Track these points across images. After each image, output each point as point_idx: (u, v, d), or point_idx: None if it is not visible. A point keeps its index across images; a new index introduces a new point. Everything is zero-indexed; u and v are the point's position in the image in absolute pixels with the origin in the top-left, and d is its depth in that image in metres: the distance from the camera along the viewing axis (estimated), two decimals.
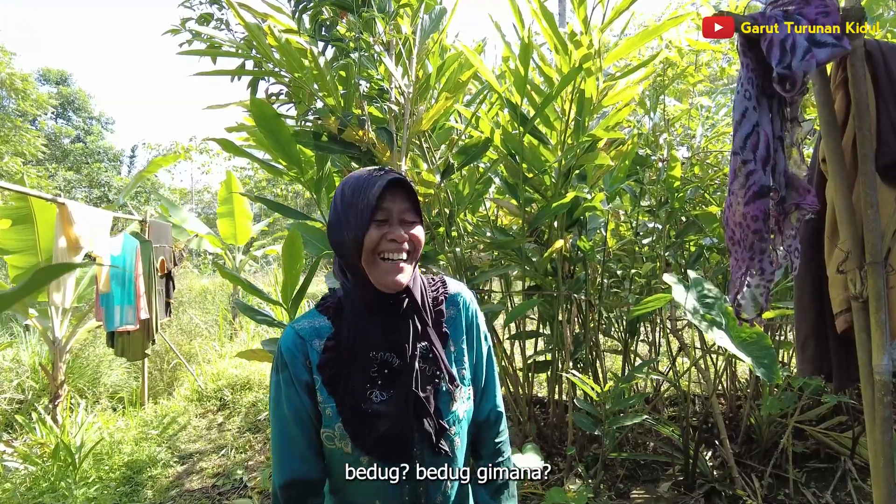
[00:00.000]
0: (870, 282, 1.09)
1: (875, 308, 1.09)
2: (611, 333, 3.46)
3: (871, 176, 1.11)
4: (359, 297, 0.99)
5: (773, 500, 2.74)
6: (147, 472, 3.45)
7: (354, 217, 0.95)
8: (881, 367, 1.08)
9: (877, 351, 1.09)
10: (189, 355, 5.64)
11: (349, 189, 0.98)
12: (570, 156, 2.51)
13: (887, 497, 1.09)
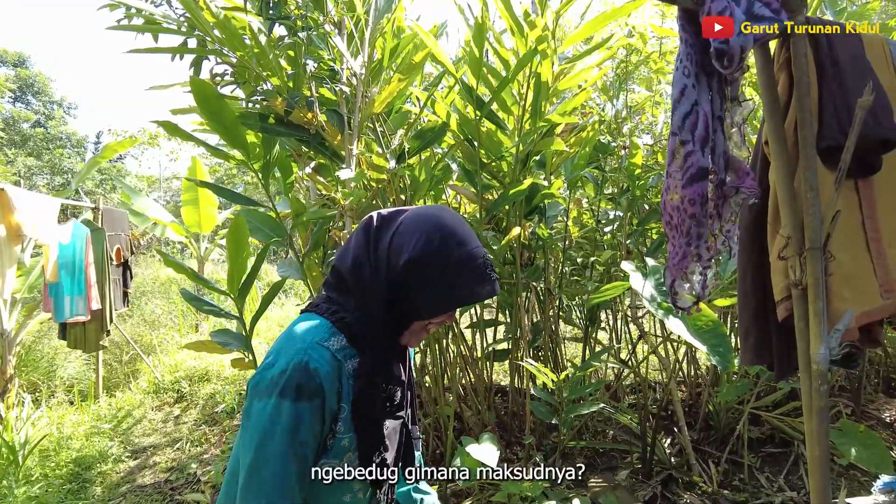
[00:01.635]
0: (809, 268, 1.06)
1: (814, 296, 1.06)
2: (572, 321, 3.44)
3: (812, 159, 1.08)
4: (385, 332, 0.96)
5: (729, 485, 2.76)
6: (97, 468, 3.34)
7: (447, 294, 0.93)
8: (818, 357, 1.05)
9: (815, 340, 1.07)
10: (149, 347, 5.48)
11: (455, 264, 0.92)
12: (527, 141, 2.46)
13: (823, 487, 1.07)
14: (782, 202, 1.11)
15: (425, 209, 0.98)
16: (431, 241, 0.92)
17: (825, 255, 1.05)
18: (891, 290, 1.13)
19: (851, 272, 1.12)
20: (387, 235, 0.96)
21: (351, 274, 0.96)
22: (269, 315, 6.48)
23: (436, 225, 0.93)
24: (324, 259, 2.55)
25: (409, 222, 0.95)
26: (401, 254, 0.92)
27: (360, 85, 2.28)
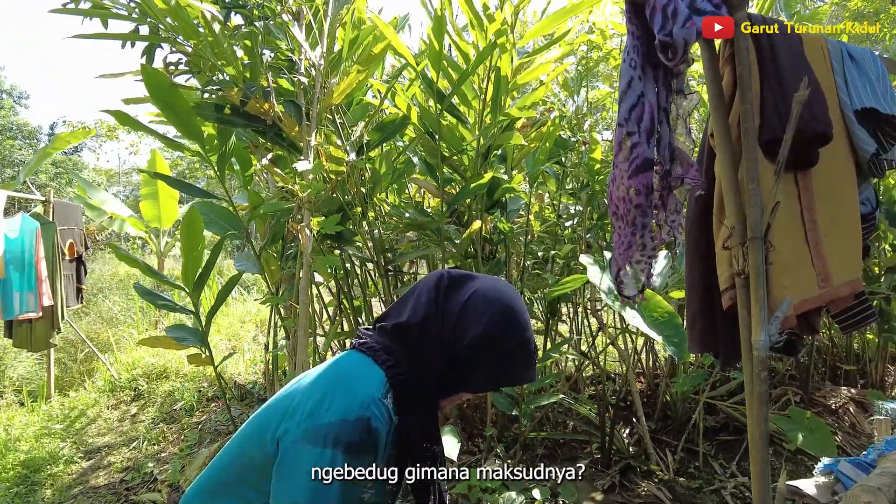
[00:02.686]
0: (750, 258, 1.10)
1: (755, 284, 1.10)
2: (533, 314, 3.47)
3: (754, 151, 1.11)
4: (434, 397, 0.99)
5: (684, 472, 2.83)
6: (46, 470, 3.22)
7: (502, 374, 0.97)
8: (759, 344, 1.09)
9: (756, 327, 1.10)
10: (106, 345, 5.32)
11: (517, 349, 0.97)
12: (488, 135, 2.47)
13: (761, 471, 1.11)
14: (726, 193, 1.14)
15: (495, 283, 1.02)
16: (502, 322, 0.95)
17: (766, 244, 1.08)
18: (827, 280, 1.18)
19: (790, 261, 1.16)
20: (457, 300, 0.99)
21: (419, 329, 0.97)
22: (230, 311, 6.35)
23: (506, 305, 0.97)
24: (282, 252, 2.51)
25: (480, 295, 0.98)
26: (470, 326, 0.95)
27: (318, 76, 2.25)
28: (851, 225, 1.24)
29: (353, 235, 2.53)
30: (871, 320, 1.28)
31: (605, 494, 2.58)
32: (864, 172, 1.29)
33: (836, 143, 1.20)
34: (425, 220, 2.62)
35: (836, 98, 1.24)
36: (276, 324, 2.75)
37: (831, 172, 1.23)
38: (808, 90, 0.98)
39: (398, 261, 2.71)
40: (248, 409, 3.67)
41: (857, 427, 3.39)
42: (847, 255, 1.21)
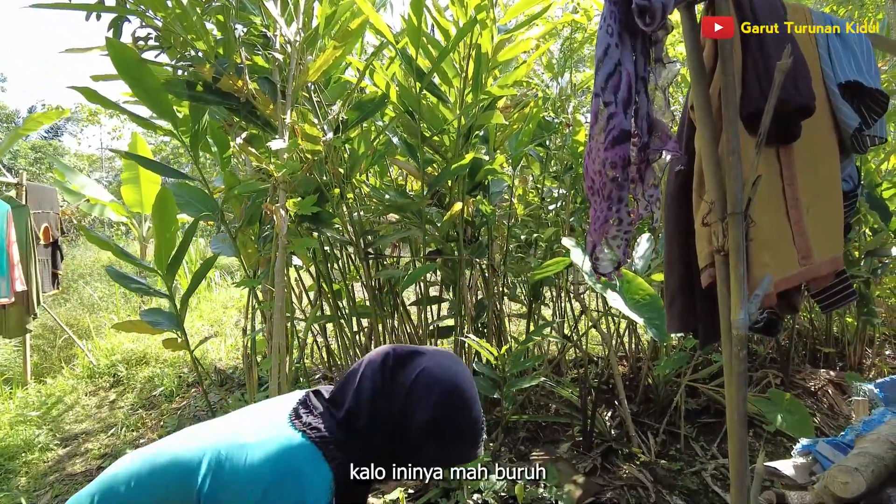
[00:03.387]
0: (730, 234, 1.07)
1: (735, 261, 1.07)
2: (516, 298, 3.45)
3: (735, 122, 1.08)
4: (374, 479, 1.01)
5: (666, 455, 2.84)
6: (21, 457, 3.16)
7: (450, 454, 0.99)
8: (738, 322, 1.06)
9: (735, 305, 1.07)
10: (87, 331, 5.23)
11: (466, 431, 0.98)
12: (469, 114, 2.42)
13: (740, 451, 1.09)
14: (706, 168, 1.10)
15: (441, 360, 1.02)
16: (448, 406, 0.96)
17: (746, 220, 1.05)
18: (808, 257, 1.15)
19: (771, 238, 1.14)
20: (403, 382, 0.99)
21: (367, 416, 0.98)
22: (213, 297, 6.28)
23: (453, 386, 0.98)
24: (259, 235, 2.45)
25: (427, 376, 0.99)
26: (416, 412, 0.96)
27: (294, 52, 2.18)
28: (833, 202, 1.22)
29: (331, 217, 2.48)
30: (851, 299, 1.27)
31: (586, 477, 2.58)
32: (846, 148, 1.26)
33: (819, 117, 1.17)
34: (405, 202, 2.57)
35: (819, 70, 1.21)
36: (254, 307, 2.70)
37: (814, 147, 1.20)
38: (791, 59, 0.95)
39: (378, 244, 2.66)
40: (227, 395, 3.62)
41: (835, 409, 3.42)
42: (828, 233, 1.19)
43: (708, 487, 2.58)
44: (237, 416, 1.13)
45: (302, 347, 2.96)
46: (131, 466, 1.04)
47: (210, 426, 1.10)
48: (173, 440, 1.08)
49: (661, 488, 2.57)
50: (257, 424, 1.02)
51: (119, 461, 1.10)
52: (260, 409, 1.11)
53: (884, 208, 3.23)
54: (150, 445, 1.11)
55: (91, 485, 1.07)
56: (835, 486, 1.29)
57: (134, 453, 1.10)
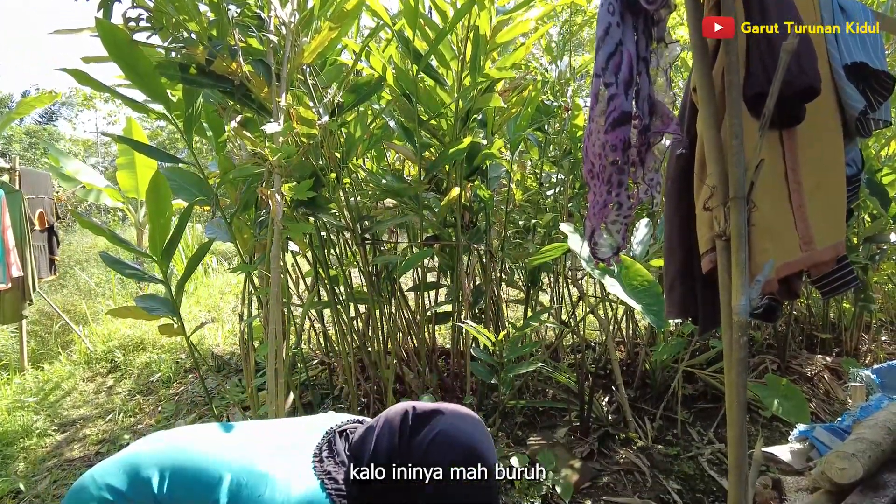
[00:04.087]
0: (732, 218, 1.05)
1: (736, 247, 1.05)
2: (514, 284, 3.44)
3: (738, 104, 1.05)
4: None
5: (663, 440, 2.85)
6: (19, 443, 3.16)
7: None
8: (739, 308, 1.05)
9: (736, 291, 1.06)
10: (83, 316, 5.21)
11: (479, 492, 0.98)
12: (466, 97, 2.39)
13: (738, 437, 1.08)
14: (708, 151, 1.08)
15: (461, 423, 1.02)
16: (465, 469, 0.97)
17: (748, 204, 1.03)
18: (809, 243, 1.14)
19: (773, 224, 1.12)
20: (421, 441, 0.99)
21: (385, 475, 0.99)
22: (210, 282, 6.26)
23: (470, 450, 0.98)
24: (255, 220, 2.43)
25: (444, 438, 0.98)
26: (432, 473, 0.97)
27: (289, 34, 2.14)
28: (836, 187, 1.20)
29: (327, 202, 2.46)
30: (852, 285, 1.25)
31: (583, 461, 2.59)
32: (850, 132, 1.24)
33: (823, 99, 1.14)
34: (402, 186, 2.55)
35: (825, 51, 1.18)
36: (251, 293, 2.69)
37: (818, 131, 1.18)
38: (796, 39, 0.92)
39: (375, 229, 2.64)
40: (224, 381, 3.62)
41: (831, 394, 3.43)
42: (831, 218, 1.17)
43: (704, 472, 2.60)
44: (263, 435, 1.16)
45: (299, 333, 2.95)
46: (159, 455, 1.08)
47: (238, 438, 1.14)
48: (200, 441, 1.12)
49: (658, 473, 2.58)
50: (282, 456, 1.05)
51: (147, 442, 1.14)
52: (286, 435, 1.14)
53: (883, 194, 3.21)
54: (178, 435, 1.15)
55: (118, 460, 1.10)
56: (832, 472, 1.28)
57: (161, 439, 1.14)
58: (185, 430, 1.21)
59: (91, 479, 1.10)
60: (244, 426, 1.25)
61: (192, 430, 1.19)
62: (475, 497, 0.99)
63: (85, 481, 1.12)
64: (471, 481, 0.98)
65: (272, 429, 1.21)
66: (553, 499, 2.37)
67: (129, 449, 1.17)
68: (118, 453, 1.18)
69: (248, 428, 1.22)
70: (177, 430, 1.23)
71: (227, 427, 1.22)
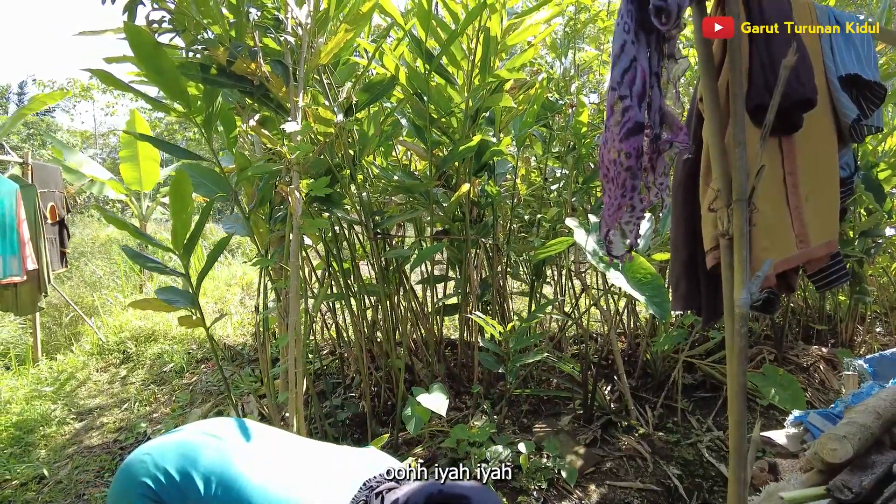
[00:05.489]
0: (735, 219, 1.14)
1: (739, 245, 1.14)
2: (519, 277, 3.53)
3: (741, 115, 1.14)
4: None
5: (663, 427, 2.95)
6: (39, 431, 3.26)
7: None
8: (741, 301, 1.14)
9: (738, 286, 1.15)
10: (91, 308, 5.30)
11: None
12: (476, 97, 2.46)
13: (739, 422, 1.18)
14: (714, 157, 1.17)
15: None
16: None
17: (750, 207, 1.12)
18: (805, 241, 1.23)
19: (772, 223, 1.21)
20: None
21: None
22: (216, 275, 6.34)
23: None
24: (270, 215, 2.51)
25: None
26: None
27: (305, 35, 2.21)
28: (830, 189, 1.29)
29: (341, 198, 2.54)
30: (844, 280, 1.35)
31: (587, 448, 2.69)
32: (844, 137, 1.33)
33: (819, 108, 1.23)
34: (414, 182, 2.63)
35: (821, 63, 1.27)
36: (266, 286, 2.77)
37: (814, 137, 1.26)
38: (795, 56, 1.01)
39: (386, 224, 2.73)
40: (238, 370, 3.72)
41: (826, 384, 3.54)
42: (825, 218, 1.26)
43: (703, 458, 2.70)
44: (308, 467, 1.24)
45: (311, 324, 3.04)
46: (214, 462, 1.18)
47: (287, 467, 1.22)
48: (253, 461, 1.20)
49: (659, 459, 2.68)
50: (326, 499, 1.14)
51: (206, 436, 1.24)
52: (328, 476, 1.22)
53: (879, 190, 3.29)
54: (236, 444, 1.24)
55: (175, 446, 1.20)
56: (824, 452, 1.38)
57: (220, 437, 1.24)
58: (237, 438, 1.27)
59: (150, 457, 1.19)
60: (292, 446, 1.32)
61: (243, 442, 1.26)
62: None
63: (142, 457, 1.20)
64: None
65: (318, 459, 1.28)
66: (558, 483, 2.47)
67: (186, 436, 1.25)
68: (174, 436, 1.25)
69: (295, 451, 1.29)
70: (231, 431, 1.29)
71: (278, 444, 1.30)
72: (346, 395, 3.12)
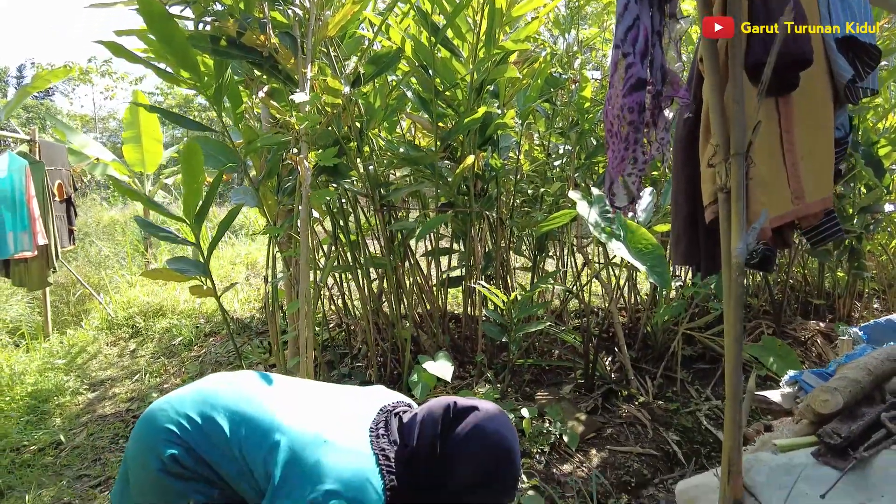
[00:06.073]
0: (732, 172, 1.19)
1: (736, 197, 1.19)
2: (521, 251, 3.59)
3: (739, 74, 1.18)
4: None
5: (663, 396, 3.02)
6: (54, 401, 3.35)
7: (488, 499, 1.20)
8: (737, 251, 1.19)
9: (735, 237, 1.20)
10: (97, 286, 5.37)
11: (505, 487, 1.20)
12: (481, 69, 2.50)
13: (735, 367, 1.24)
14: (713, 114, 1.22)
15: (491, 423, 1.21)
16: (493, 460, 1.18)
17: (747, 161, 1.17)
18: (800, 197, 1.28)
19: (768, 179, 1.26)
20: (458, 433, 1.19)
21: (424, 461, 1.18)
22: (221, 254, 6.41)
23: (499, 444, 1.18)
24: (279, 187, 2.56)
25: (478, 433, 1.18)
26: (465, 461, 1.18)
27: (313, 7, 2.25)
28: (826, 148, 1.34)
29: (348, 170, 2.59)
30: (838, 235, 1.40)
31: (588, 415, 2.76)
32: (840, 99, 1.37)
33: (816, 69, 1.28)
34: (419, 155, 2.67)
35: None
36: (274, 257, 2.83)
37: (810, 98, 1.31)
38: (792, 14, 1.05)
39: (392, 196, 2.78)
40: (247, 341, 3.80)
41: (823, 357, 3.60)
42: (820, 176, 1.31)
43: (701, 425, 2.78)
44: (324, 399, 1.32)
45: (319, 296, 3.11)
46: (230, 401, 1.24)
47: (302, 398, 1.30)
48: (268, 395, 1.27)
49: (658, 426, 2.76)
50: (344, 425, 1.22)
51: (215, 383, 1.31)
52: (346, 404, 1.31)
53: (878, 165, 3.33)
54: (247, 383, 1.31)
55: (192, 395, 1.26)
56: (816, 404, 1.44)
57: (230, 383, 1.31)
58: (251, 379, 1.34)
59: (169, 405, 1.25)
60: (305, 385, 1.40)
61: (258, 381, 1.33)
62: (499, 489, 1.19)
63: (162, 406, 1.26)
64: (497, 476, 1.18)
65: (332, 394, 1.37)
66: (560, 447, 2.55)
67: (197, 386, 1.31)
68: (189, 387, 1.31)
69: (309, 388, 1.37)
70: (243, 375, 1.37)
71: (291, 384, 1.37)
72: (354, 365, 3.19)
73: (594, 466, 2.46)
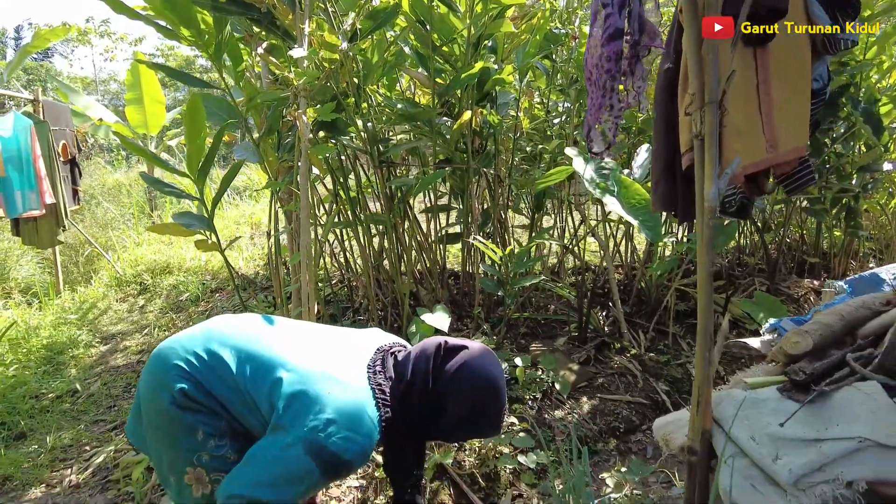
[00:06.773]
0: (707, 120, 1.24)
1: (709, 144, 1.25)
2: (520, 209, 3.64)
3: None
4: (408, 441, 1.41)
5: (654, 349, 3.11)
6: (68, 353, 3.48)
7: (472, 435, 1.45)
8: (710, 196, 1.26)
9: (708, 182, 1.26)
10: (105, 246, 5.48)
11: (490, 421, 1.35)
12: (478, 24, 2.51)
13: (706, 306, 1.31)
14: (690, 64, 1.26)
15: (480, 360, 1.33)
16: (481, 395, 1.30)
17: (721, 108, 1.22)
18: (774, 146, 1.33)
19: (743, 129, 1.31)
20: (449, 369, 1.31)
21: (418, 397, 1.30)
22: (224, 214, 6.49)
23: (487, 380, 1.31)
24: (279, 143, 2.61)
25: (468, 369, 1.31)
26: (456, 396, 1.30)
27: None
28: (802, 98, 1.38)
29: (347, 126, 2.63)
30: (811, 182, 1.45)
31: (580, 365, 2.86)
32: (818, 49, 1.41)
33: (794, 19, 1.31)
34: (417, 111, 2.71)
35: None
36: (277, 213, 2.90)
37: (788, 48, 1.35)
38: None
39: (390, 152, 2.82)
40: (252, 296, 3.91)
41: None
42: (795, 125, 1.36)
43: (691, 376, 2.87)
44: (325, 337, 1.43)
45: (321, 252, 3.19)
46: (235, 340, 1.33)
47: (304, 336, 1.41)
48: (270, 333, 1.37)
49: (649, 376, 2.86)
50: (343, 361, 1.33)
51: (219, 323, 1.40)
52: (346, 343, 1.42)
53: (877, 123, 3.32)
54: (251, 324, 1.40)
55: (199, 335, 1.35)
56: (787, 345, 1.53)
57: (233, 325, 1.39)
58: (256, 320, 1.44)
59: (179, 343, 1.34)
60: (307, 326, 1.50)
61: (262, 322, 1.43)
62: (486, 422, 1.34)
63: (171, 344, 1.35)
64: (485, 410, 1.31)
65: (332, 334, 1.47)
66: (552, 395, 2.66)
67: (205, 326, 1.40)
68: (197, 326, 1.40)
69: (310, 329, 1.47)
70: (248, 317, 1.46)
71: (294, 325, 1.47)
72: (355, 318, 3.30)
73: (584, 413, 2.58)
